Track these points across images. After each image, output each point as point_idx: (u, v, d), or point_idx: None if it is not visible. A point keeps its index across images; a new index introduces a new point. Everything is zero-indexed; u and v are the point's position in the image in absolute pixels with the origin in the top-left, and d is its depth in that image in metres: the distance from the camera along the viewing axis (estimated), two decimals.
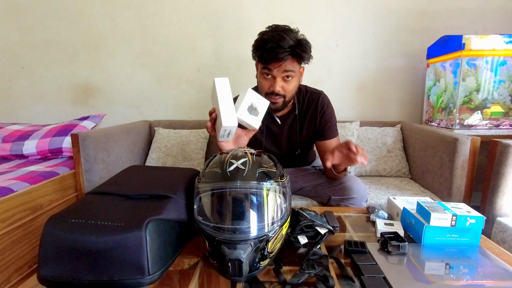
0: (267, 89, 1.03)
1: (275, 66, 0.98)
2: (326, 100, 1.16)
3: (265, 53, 0.95)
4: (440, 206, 0.73)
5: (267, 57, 0.96)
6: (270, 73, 1.00)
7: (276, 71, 0.99)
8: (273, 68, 0.98)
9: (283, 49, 0.93)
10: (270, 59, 0.96)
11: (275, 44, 0.93)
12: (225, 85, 0.83)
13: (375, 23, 1.87)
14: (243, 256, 0.54)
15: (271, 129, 1.18)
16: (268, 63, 0.98)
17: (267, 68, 0.99)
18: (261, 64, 1.01)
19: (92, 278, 0.52)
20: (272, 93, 1.02)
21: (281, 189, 0.62)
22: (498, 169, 1.13)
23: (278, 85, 1.00)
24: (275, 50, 0.93)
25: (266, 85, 1.03)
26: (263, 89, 1.05)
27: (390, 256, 0.65)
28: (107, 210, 0.60)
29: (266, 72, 1.01)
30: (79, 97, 2.03)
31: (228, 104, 0.81)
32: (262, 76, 1.03)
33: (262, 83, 1.04)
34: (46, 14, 1.92)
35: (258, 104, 0.87)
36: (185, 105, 2.02)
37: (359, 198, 1.08)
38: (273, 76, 1.00)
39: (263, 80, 1.04)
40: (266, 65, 0.99)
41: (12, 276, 1.08)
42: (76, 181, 1.39)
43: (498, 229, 1.10)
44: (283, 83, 1.01)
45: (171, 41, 1.93)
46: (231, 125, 0.80)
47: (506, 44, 1.46)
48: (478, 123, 1.54)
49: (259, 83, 1.07)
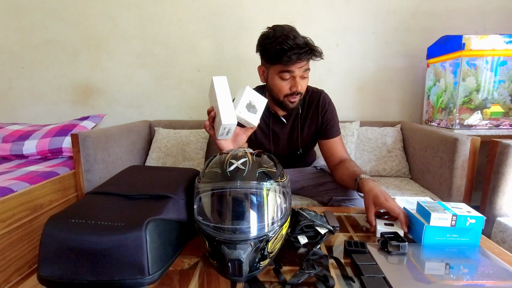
0: (287, 90, 1.02)
1: (299, 66, 0.97)
2: (327, 99, 1.15)
3: (288, 53, 0.94)
4: (440, 206, 0.73)
5: (290, 58, 0.94)
6: (291, 74, 0.99)
7: (297, 71, 0.98)
8: (296, 69, 0.97)
9: (303, 49, 0.94)
10: (294, 59, 0.94)
11: (294, 45, 0.93)
12: (223, 83, 0.83)
13: (375, 23, 1.87)
14: (243, 256, 0.54)
15: (274, 129, 1.17)
16: (290, 63, 0.96)
17: (288, 70, 0.98)
18: (278, 66, 0.99)
19: (92, 278, 0.52)
20: (293, 94, 1.01)
21: (281, 189, 0.62)
22: (498, 169, 1.13)
23: (301, 84, 1.00)
24: (296, 50, 0.93)
25: (286, 86, 1.01)
26: (281, 91, 1.02)
27: (390, 256, 0.65)
28: (107, 210, 0.60)
29: (286, 74, 0.99)
30: (79, 97, 2.03)
31: (227, 102, 0.81)
32: (280, 78, 1.01)
33: (280, 85, 1.02)
34: (46, 14, 1.92)
35: (256, 101, 0.87)
36: (185, 105, 2.02)
37: (361, 199, 1.07)
38: (293, 76, 0.99)
39: (281, 81, 1.01)
40: (287, 67, 0.97)
41: (12, 276, 1.08)
42: (76, 181, 1.39)
43: (498, 229, 1.10)
44: (301, 81, 1.01)
45: (171, 41, 1.93)
46: (231, 123, 0.79)
47: (506, 44, 1.46)
48: (478, 123, 1.54)
49: (274, 85, 1.03)
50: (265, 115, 1.14)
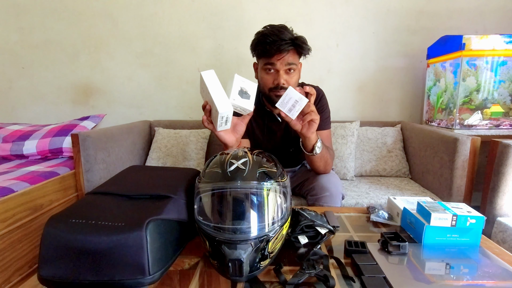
0: (270, 83, 1.03)
1: (278, 58, 0.98)
2: (321, 93, 1.16)
3: (267, 46, 0.96)
4: (441, 206, 0.73)
5: (269, 50, 0.96)
6: (272, 67, 1.01)
7: (279, 64, 0.99)
8: (276, 61, 0.99)
9: (285, 41, 0.95)
10: (273, 51, 0.96)
11: (276, 37, 0.95)
12: (212, 76, 0.84)
13: (375, 23, 1.87)
14: (243, 256, 0.54)
15: (271, 126, 1.17)
16: (271, 56, 0.98)
17: (270, 62, 1.00)
18: (263, 59, 1.01)
19: (93, 278, 0.52)
20: (276, 87, 1.02)
21: (281, 189, 0.62)
22: (498, 169, 1.13)
23: (282, 77, 1.00)
24: (277, 42, 0.95)
25: (269, 80, 1.03)
26: (266, 85, 1.04)
27: (390, 256, 0.65)
28: (107, 210, 0.60)
29: (269, 67, 1.01)
30: (79, 97, 2.03)
31: (220, 92, 0.82)
32: (264, 71, 1.03)
33: (265, 79, 1.04)
34: (46, 14, 1.92)
35: (248, 87, 0.87)
36: (185, 105, 2.02)
37: (331, 195, 1.04)
38: (276, 69, 1.01)
39: (265, 75, 1.03)
40: (269, 59, 0.99)
41: (12, 276, 1.08)
42: (76, 181, 1.39)
43: (498, 229, 1.10)
44: (286, 76, 1.01)
45: (171, 41, 1.93)
46: (227, 111, 0.80)
47: (506, 44, 1.46)
48: (478, 123, 1.54)
49: (260, 79, 1.06)
50: (261, 113, 1.15)
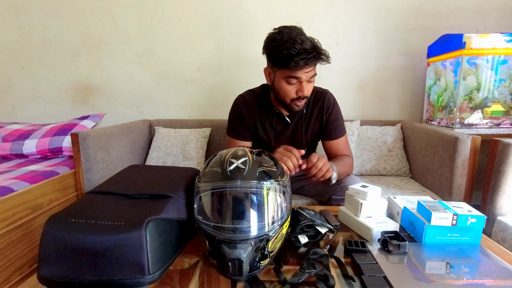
0: (293, 94, 1.01)
1: (306, 72, 0.96)
2: (332, 99, 1.14)
3: (295, 59, 0.92)
4: (441, 205, 0.73)
5: (297, 63, 0.93)
6: (298, 79, 0.98)
7: (304, 76, 0.97)
8: (303, 74, 0.96)
9: (311, 54, 0.92)
10: (301, 65, 0.93)
11: (302, 50, 0.91)
12: None
13: (375, 22, 1.87)
14: (243, 256, 0.54)
15: (277, 129, 1.16)
16: (298, 69, 0.95)
17: (295, 76, 0.97)
18: (286, 70, 0.97)
19: (92, 278, 0.52)
20: (298, 98, 1.01)
21: (281, 189, 0.62)
22: (498, 168, 1.13)
23: (306, 89, 0.99)
24: (303, 55, 0.91)
25: (292, 91, 1.00)
26: (288, 95, 1.02)
27: (390, 256, 0.65)
28: (107, 210, 0.60)
29: (293, 80, 0.98)
30: (79, 97, 2.03)
31: None
32: (287, 82, 1.00)
33: (287, 90, 1.01)
34: (45, 13, 1.92)
35: None
36: (185, 104, 2.02)
37: None
38: (300, 81, 0.98)
39: (287, 86, 1.00)
40: (294, 73, 0.96)
41: (12, 275, 1.08)
42: (76, 181, 1.39)
43: (499, 228, 1.10)
44: (308, 86, 1.00)
45: (171, 40, 1.93)
46: None
47: (506, 43, 1.46)
48: (478, 122, 1.53)
49: (281, 89, 1.02)
50: (269, 115, 1.14)
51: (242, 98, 1.16)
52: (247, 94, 1.17)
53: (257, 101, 1.15)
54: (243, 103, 1.15)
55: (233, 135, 1.17)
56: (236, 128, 1.16)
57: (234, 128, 1.16)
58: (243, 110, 1.14)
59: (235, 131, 1.16)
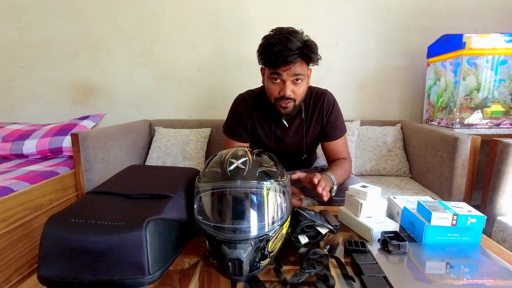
0: (276, 94, 1.00)
1: (285, 70, 0.94)
2: (332, 99, 1.13)
3: (273, 57, 0.92)
4: (441, 206, 0.73)
5: (275, 61, 0.92)
6: (279, 78, 0.97)
7: (285, 75, 0.96)
8: (283, 72, 0.95)
9: (292, 52, 0.90)
10: (279, 62, 0.92)
11: (283, 47, 0.90)
12: None
13: (375, 22, 1.87)
14: (243, 256, 0.54)
15: (277, 134, 1.15)
16: (277, 67, 0.94)
17: (276, 72, 0.96)
18: (269, 68, 0.98)
19: (92, 278, 0.52)
20: (282, 98, 0.99)
21: (281, 189, 0.62)
22: (498, 168, 1.13)
23: (289, 89, 0.97)
24: (284, 53, 0.90)
25: (276, 90, 1.00)
26: (272, 94, 1.01)
27: (390, 256, 0.65)
28: (107, 210, 0.60)
29: (275, 76, 0.97)
30: (79, 97, 2.03)
31: None
32: (271, 81, 1.00)
33: (271, 88, 1.01)
34: (45, 13, 1.92)
35: None
36: (185, 105, 2.02)
37: None
38: (283, 80, 0.97)
39: (271, 85, 1.00)
40: (275, 69, 0.96)
41: (12, 275, 1.08)
42: (76, 181, 1.39)
43: (499, 228, 1.10)
44: (293, 86, 0.98)
45: (171, 40, 1.93)
46: None
47: (506, 43, 1.46)
48: (478, 122, 1.54)
49: (267, 88, 1.03)
50: (268, 116, 1.13)
51: (242, 98, 1.16)
52: (248, 94, 1.16)
53: (257, 101, 1.14)
54: (242, 103, 1.14)
55: (230, 135, 1.16)
56: (234, 128, 1.15)
57: (232, 129, 1.16)
58: (242, 111, 1.13)
59: (233, 131, 1.15)
